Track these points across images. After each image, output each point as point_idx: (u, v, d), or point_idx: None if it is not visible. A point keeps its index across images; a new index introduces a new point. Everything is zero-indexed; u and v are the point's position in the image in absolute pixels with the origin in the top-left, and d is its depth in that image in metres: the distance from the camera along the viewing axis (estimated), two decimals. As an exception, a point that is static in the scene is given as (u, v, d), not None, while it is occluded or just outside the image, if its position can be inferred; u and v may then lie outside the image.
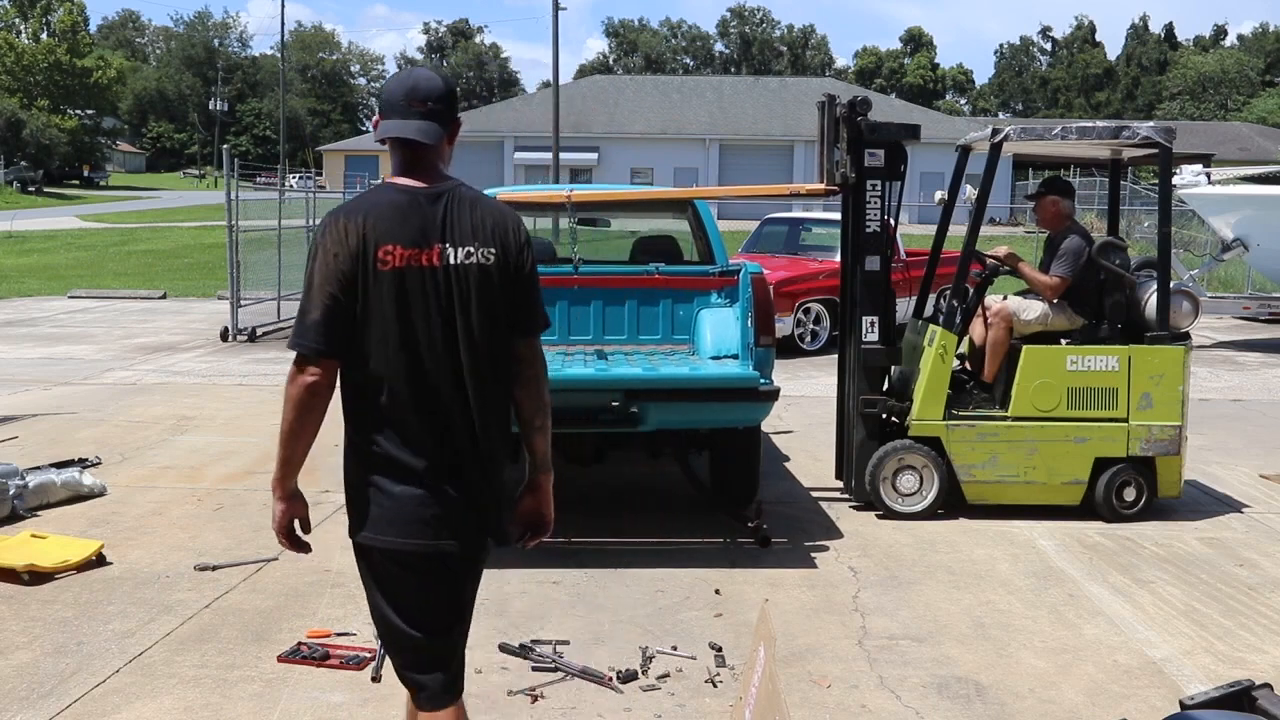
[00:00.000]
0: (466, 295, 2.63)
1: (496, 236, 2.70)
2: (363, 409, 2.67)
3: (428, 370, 2.62)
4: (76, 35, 66.86)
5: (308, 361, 2.59)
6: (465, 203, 2.69)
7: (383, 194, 2.67)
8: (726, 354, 6.11)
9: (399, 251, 2.57)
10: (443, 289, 2.61)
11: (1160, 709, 3.88)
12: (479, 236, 2.66)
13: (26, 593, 4.98)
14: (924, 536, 6.00)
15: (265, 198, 16.39)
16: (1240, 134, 60.44)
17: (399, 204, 2.63)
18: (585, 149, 45.85)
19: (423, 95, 2.70)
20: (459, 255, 2.62)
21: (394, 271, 2.56)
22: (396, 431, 2.64)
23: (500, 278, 2.69)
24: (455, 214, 2.66)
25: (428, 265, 2.59)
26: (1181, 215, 18.59)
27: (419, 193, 2.66)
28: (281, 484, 2.75)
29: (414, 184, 2.68)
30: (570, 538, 5.88)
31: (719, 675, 4.20)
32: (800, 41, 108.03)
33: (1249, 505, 6.77)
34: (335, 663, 4.23)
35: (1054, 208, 6.70)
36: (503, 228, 2.72)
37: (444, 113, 2.73)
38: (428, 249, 2.60)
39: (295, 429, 2.65)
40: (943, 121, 48.86)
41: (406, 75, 2.77)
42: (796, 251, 13.92)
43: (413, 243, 2.59)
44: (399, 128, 2.67)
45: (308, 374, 2.59)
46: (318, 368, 2.59)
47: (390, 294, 2.57)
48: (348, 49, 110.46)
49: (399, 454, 2.64)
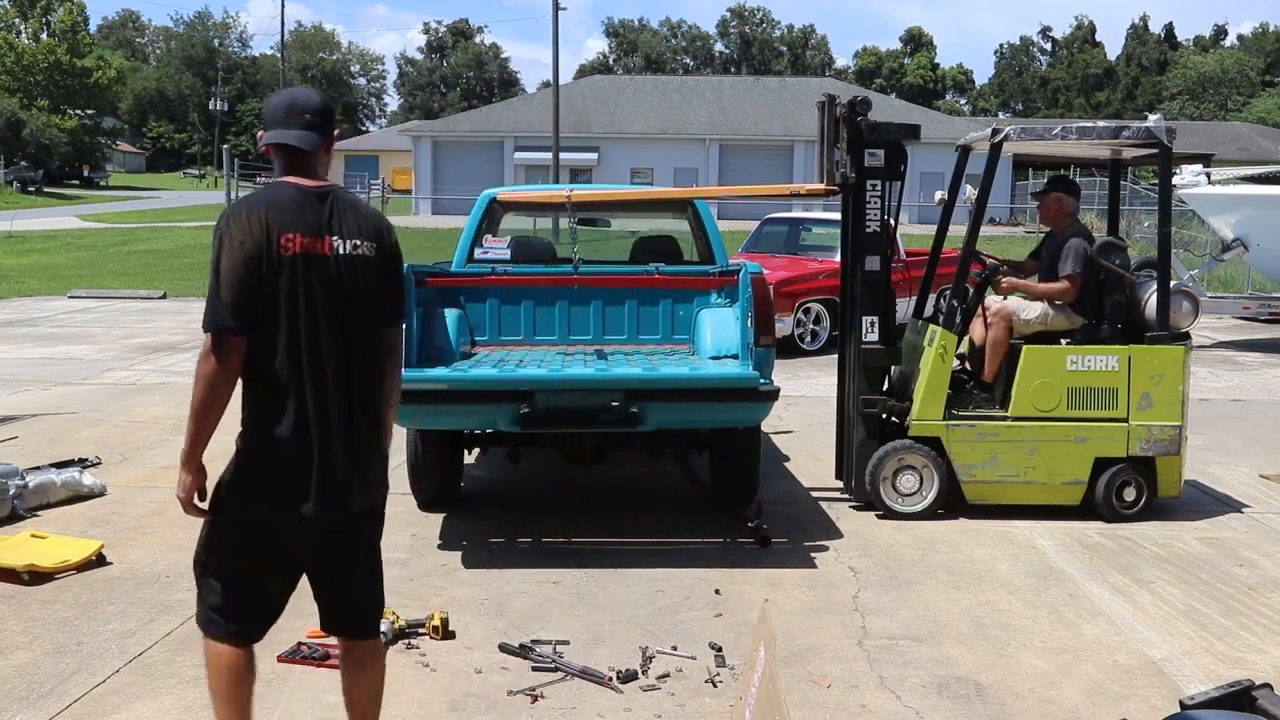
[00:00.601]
0: (354, 282, 3.00)
1: (375, 234, 3.09)
2: (257, 382, 2.95)
3: (318, 347, 2.94)
4: (76, 35, 66.84)
5: (221, 340, 2.86)
6: (347, 203, 3.08)
7: (280, 190, 3.00)
8: (726, 354, 6.11)
9: (299, 239, 2.91)
10: (333, 275, 2.96)
11: (1160, 709, 3.88)
12: (362, 232, 3.04)
13: (26, 593, 4.98)
14: (924, 536, 6.00)
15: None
16: (1240, 134, 60.44)
17: (295, 198, 2.97)
18: (585, 149, 45.84)
19: (301, 109, 3.05)
20: (346, 247, 3.00)
21: (294, 257, 2.90)
22: (281, 403, 2.93)
23: (379, 269, 3.08)
24: (340, 211, 3.02)
25: (322, 253, 2.95)
26: (1181, 215, 18.60)
27: (310, 190, 3.01)
28: (192, 458, 2.98)
29: (306, 183, 3.02)
30: (570, 538, 5.88)
31: (719, 675, 4.20)
32: (800, 41, 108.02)
33: (1249, 505, 6.77)
34: (335, 663, 4.22)
35: (1059, 205, 6.71)
36: (379, 227, 3.12)
37: (321, 125, 3.07)
38: (320, 239, 2.96)
39: (209, 405, 2.89)
40: (943, 121, 48.84)
41: (288, 93, 3.13)
42: (796, 251, 13.91)
43: (310, 232, 2.94)
44: (281, 135, 3.02)
45: (221, 351, 2.86)
46: (230, 346, 2.86)
47: (291, 277, 2.90)
48: (348, 49, 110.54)
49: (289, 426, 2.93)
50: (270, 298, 2.88)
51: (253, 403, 2.96)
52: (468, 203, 8.77)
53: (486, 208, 7.50)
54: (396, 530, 5.99)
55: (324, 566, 3.15)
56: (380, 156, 64.12)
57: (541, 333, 6.68)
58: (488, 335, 6.63)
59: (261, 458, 2.97)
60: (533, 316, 6.68)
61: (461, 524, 6.12)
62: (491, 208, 7.57)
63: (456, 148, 48.46)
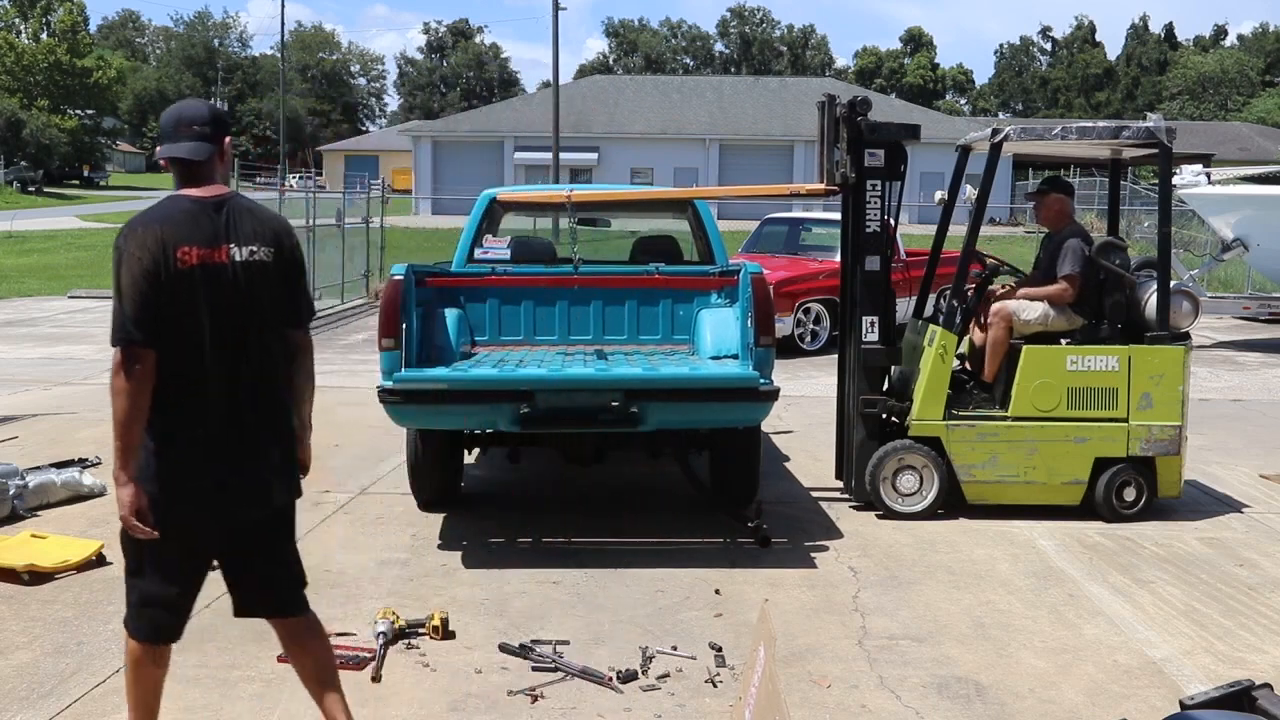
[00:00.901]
0: (250, 288, 3.10)
1: (271, 238, 3.17)
2: (168, 392, 3.03)
3: (225, 354, 3.07)
4: (76, 35, 66.81)
5: (130, 353, 2.96)
6: (243, 210, 3.16)
7: (174, 204, 3.10)
8: (726, 354, 6.11)
9: (195, 251, 3.02)
10: (231, 283, 3.07)
11: (1160, 709, 3.88)
12: (259, 238, 3.13)
13: (26, 593, 4.98)
14: (924, 536, 6.00)
15: (265, 198, 16.36)
16: (1240, 134, 60.45)
17: (191, 211, 3.07)
18: (585, 149, 45.85)
19: (189, 120, 3.14)
20: (244, 253, 3.10)
21: (192, 269, 3.01)
22: (189, 406, 3.05)
23: (277, 273, 3.17)
24: (237, 219, 3.12)
25: (220, 262, 3.06)
26: (1181, 215, 18.59)
27: (205, 201, 3.10)
28: (125, 470, 3.01)
29: (201, 194, 3.11)
30: (570, 538, 5.88)
31: (719, 675, 4.20)
32: (800, 41, 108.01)
33: (1249, 505, 6.77)
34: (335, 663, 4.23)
35: (1058, 206, 6.71)
36: (277, 232, 3.20)
37: (212, 134, 3.15)
38: (217, 248, 3.06)
39: (133, 414, 2.98)
40: (943, 121, 48.85)
41: (176, 106, 3.21)
42: (796, 251, 13.91)
43: (206, 243, 3.04)
44: (172, 149, 3.12)
45: (132, 364, 2.96)
46: (140, 358, 2.96)
47: (190, 288, 3.01)
48: (348, 49, 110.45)
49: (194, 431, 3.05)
50: (172, 309, 2.99)
51: (165, 411, 3.03)
52: (468, 203, 8.77)
53: (486, 208, 7.50)
54: (396, 530, 6.00)
55: (249, 559, 3.28)
56: (380, 156, 64.10)
57: (541, 333, 6.68)
58: (488, 335, 6.63)
59: (180, 464, 3.05)
60: (533, 316, 6.68)
61: (461, 524, 6.12)
62: (491, 208, 7.57)
63: (456, 148, 48.47)
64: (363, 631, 4.51)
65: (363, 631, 4.51)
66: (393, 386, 5.42)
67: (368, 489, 6.80)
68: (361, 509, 6.38)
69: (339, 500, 6.52)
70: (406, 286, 5.79)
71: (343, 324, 15.30)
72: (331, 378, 10.92)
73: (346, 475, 7.10)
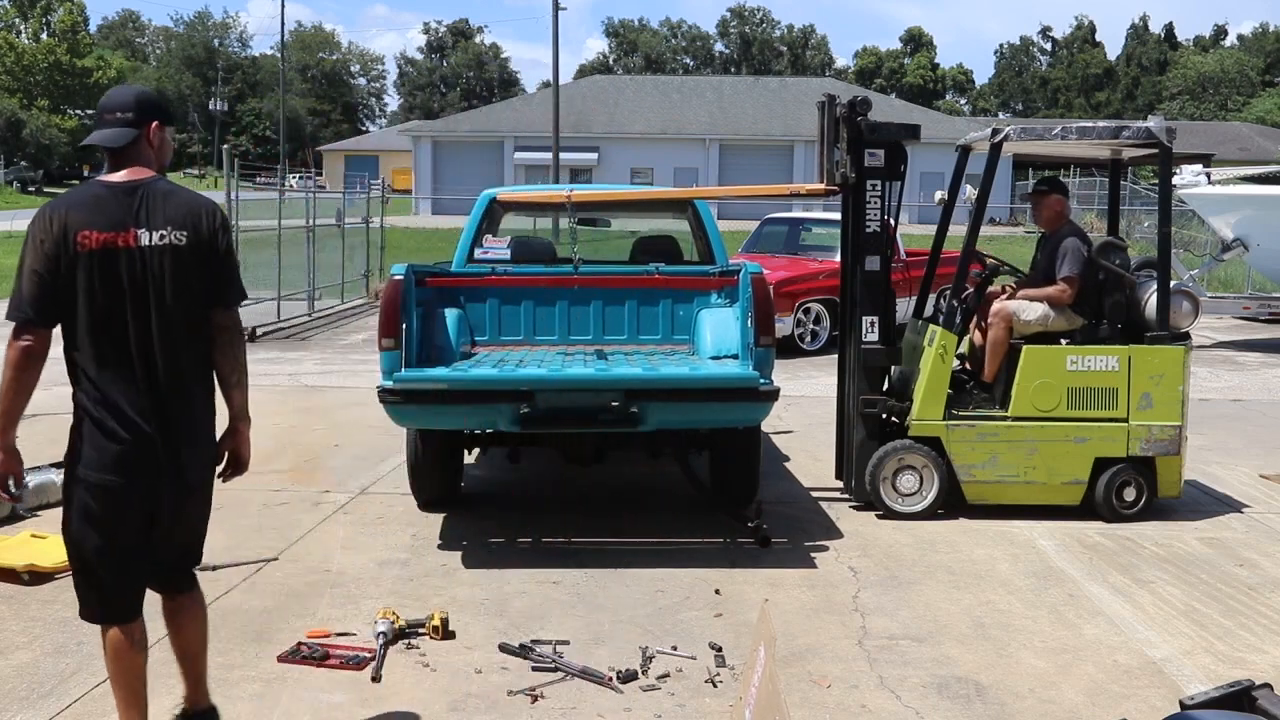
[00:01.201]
0: (161, 271, 3.17)
1: (188, 222, 3.22)
2: (76, 368, 3.20)
3: (130, 336, 3.16)
4: (76, 35, 66.87)
5: (22, 330, 3.11)
6: (159, 194, 3.22)
7: (86, 189, 3.26)
8: (726, 354, 6.11)
9: (95, 235, 3.11)
10: (138, 266, 3.15)
11: (1160, 709, 3.88)
12: (172, 222, 3.19)
13: (26, 593, 4.98)
14: (924, 536, 6.00)
15: (265, 198, 16.37)
16: (1240, 134, 60.47)
17: (99, 195, 3.19)
18: (585, 149, 45.87)
19: (113, 108, 3.27)
20: (153, 238, 3.16)
21: (90, 253, 3.11)
22: (104, 385, 3.16)
23: (192, 256, 3.22)
24: (150, 204, 3.18)
25: (124, 246, 3.13)
26: (1181, 215, 18.59)
27: (117, 186, 3.20)
28: (1, 437, 3.20)
29: (115, 179, 3.22)
30: (570, 538, 5.88)
31: (719, 675, 4.20)
32: (800, 41, 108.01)
33: (1249, 505, 6.77)
34: (335, 663, 4.24)
35: (1057, 206, 6.71)
36: (195, 215, 3.25)
37: (135, 119, 3.25)
38: (124, 232, 3.14)
39: (15, 387, 3.14)
40: (943, 121, 48.87)
41: (105, 95, 3.35)
42: (796, 251, 13.90)
43: (109, 227, 3.13)
44: (93, 137, 3.26)
45: (22, 340, 3.12)
46: (30, 335, 3.12)
47: (89, 271, 3.12)
48: (348, 49, 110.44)
49: (106, 403, 3.16)
50: (71, 292, 3.12)
51: (80, 383, 3.20)
52: (468, 203, 8.77)
53: (486, 208, 7.50)
54: (396, 530, 6.00)
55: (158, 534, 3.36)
56: (380, 156, 64.10)
57: (541, 333, 6.68)
58: (488, 335, 6.63)
59: (94, 434, 3.18)
60: (533, 316, 6.68)
61: (461, 524, 6.12)
62: (491, 208, 7.57)
63: (456, 148, 48.49)
64: (363, 631, 4.51)
65: (363, 631, 4.51)
66: (393, 386, 5.42)
67: (368, 489, 6.80)
68: (361, 509, 6.38)
69: (339, 500, 6.52)
70: (406, 286, 5.79)
71: (343, 324, 15.30)
72: (331, 378, 10.92)
73: (346, 475, 7.10)
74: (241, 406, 3.43)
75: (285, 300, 14.46)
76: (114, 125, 3.24)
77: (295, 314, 14.90)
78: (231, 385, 3.39)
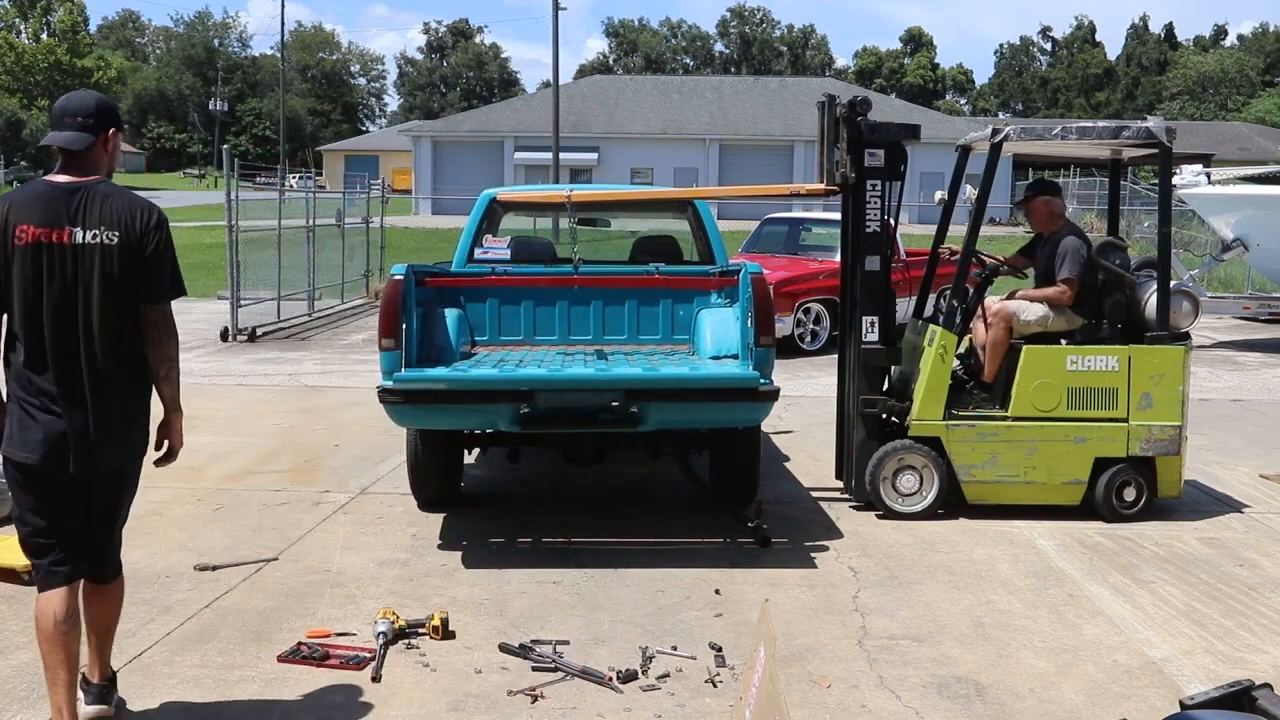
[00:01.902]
0: (90, 268, 3.37)
1: (121, 223, 3.40)
2: (9, 353, 3.44)
3: (55, 326, 3.36)
4: (76, 35, 66.94)
5: None
6: (99, 196, 3.40)
7: (32, 187, 3.46)
8: (726, 354, 6.11)
9: (31, 230, 3.32)
10: (69, 261, 3.36)
11: (1160, 709, 3.88)
12: (105, 222, 3.37)
13: (26, 593, 4.97)
14: (924, 536, 6.00)
15: (265, 198, 16.33)
16: (1240, 134, 60.47)
17: (41, 193, 3.39)
18: (585, 149, 45.86)
19: (72, 112, 3.44)
20: (85, 236, 3.36)
21: (26, 246, 3.33)
22: (31, 371, 3.39)
23: (122, 255, 3.39)
24: (87, 204, 3.38)
25: (58, 243, 3.34)
26: (1181, 215, 18.59)
27: (60, 186, 3.40)
28: None
29: (61, 179, 3.41)
30: (570, 538, 5.88)
31: (719, 675, 4.20)
32: (800, 41, 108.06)
33: (1249, 505, 6.77)
34: (335, 663, 4.24)
35: (1046, 208, 6.71)
36: (129, 216, 3.42)
37: (94, 125, 3.44)
38: (59, 229, 3.34)
39: None
40: (943, 121, 48.86)
41: (65, 97, 3.49)
42: (796, 251, 13.90)
43: (44, 224, 3.33)
44: (52, 138, 3.45)
45: None
46: None
47: (22, 263, 3.34)
48: (348, 49, 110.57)
49: (31, 388, 3.39)
50: (8, 281, 3.35)
51: (9, 366, 3.44)
52: (468, 203, 8.77)
53: (486, 208, 7.49)
54: (396, 530, 6.00)
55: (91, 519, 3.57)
56: (380, 156, 64.11)
57: (541, 333, 6.68)
58: (488, 335, 6.63)
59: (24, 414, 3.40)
60: (533, 316, 6.68)
61: (461, 524, 6.12)
62: (491, 208, 7.57)
63: (456, 148, 48.48)
64: (363, 631, 4.51)
65: (363, 631, 4.51)
66: (393, 386, 5.42)
67: (368, 489, 6.80)
68: (361, 509, 6.38)
69: (339, 500, 6.52)
70: (406, 286, 5.79)
71: (343, 324, 15.30)
72: (331, 378, 10.92)
73: (346, 475, 7.10)
74: (172, 399, 3.61)
75: (285, 300, 14.46)
76: (74, 129, 3.41)
77: (295, 314, 14.89)
78: (160, 379, 3.55)
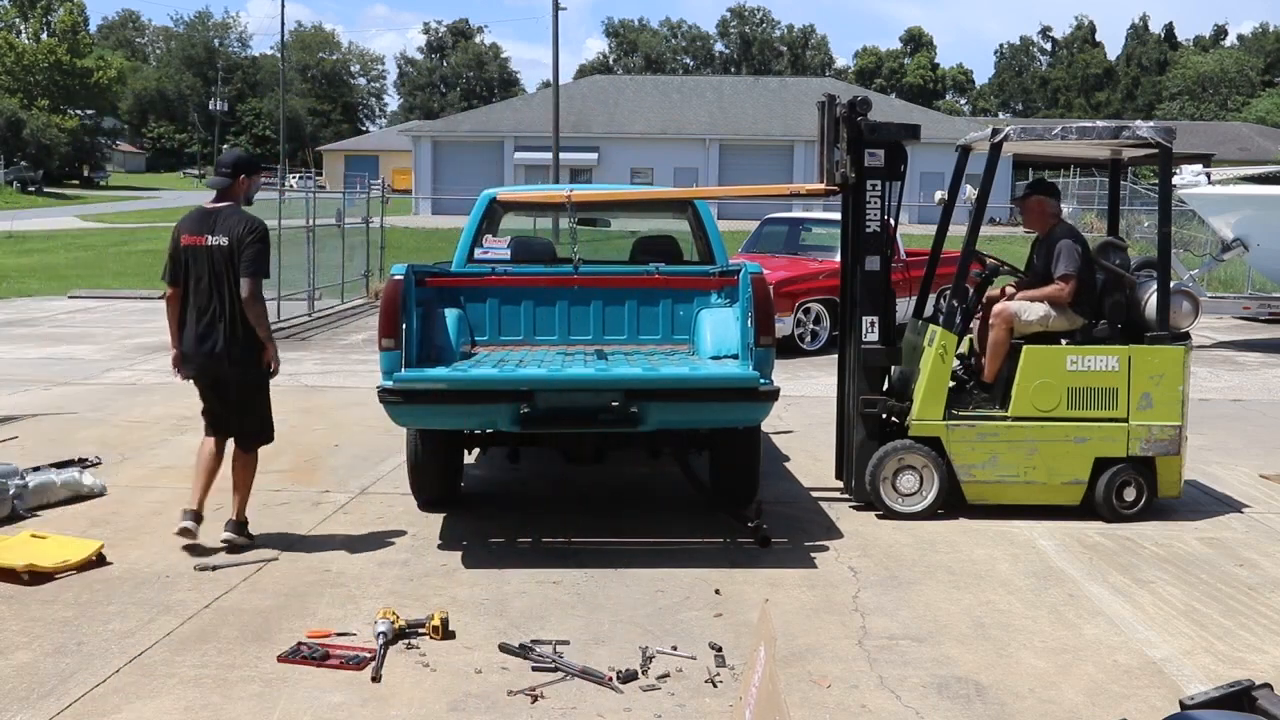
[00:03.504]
0: (221, 260, 5.48)
1: (229, 232, 5.49)
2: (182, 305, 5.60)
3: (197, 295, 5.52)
4: (76, 35, 66.87)
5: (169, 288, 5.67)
6: (224, 215, 5.54)
7: (196, 210, 5.64)
8: (726, 354, 6.11)
9: (186, 237, 5.55)
10: (209, 256, 5.50)
11: (1160, 709, 3.88)
12: (222, 231, 5.50)
13: (26, 593, 4.98)
14: (924, 536, 6.00)
15: (265, 197, 16.26)
16: (1240, 134, 60.47)
17: (196, 215, 5.61)
18: (585, 149, 45.85)
19: (220, 163, 5.82)
20: (215, 240, 5.49)
21: (185, 246, 5.54)
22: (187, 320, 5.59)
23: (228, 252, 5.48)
24: (218, 221, 5.53)
25: (203, 245, 5.50)
26: (1181, 215, 18.59)
27: (208, 210, 5.59)
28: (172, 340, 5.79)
29: (209, 206, 5.61)
30: (570, 538, 5.88)
31: (719, 675, 4.20)
32: (800, 41, 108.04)
33: (1249, 505, 6.77)
34: (335, 663, 4.24)
35: (1040, 208, 6.70)
36: (236, 229, 5.49)
37: (230, 173, 5.67)
38: (202, 236, 5.51)
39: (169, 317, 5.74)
40: (943, 121, 48.85)
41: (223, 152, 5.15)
42: (796, 251, 13.90)
43: (196, 232, 5.54)
44: (209, 181, 5.80)
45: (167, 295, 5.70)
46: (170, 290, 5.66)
47: (186, 257, 5.54)
48: (348, 49, 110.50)
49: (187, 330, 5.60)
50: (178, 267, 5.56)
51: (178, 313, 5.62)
52: (468, 203, 8.77)
53: (486, 208, 7.49)
54: (396, 530, 6.00)
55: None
56: (380, 156, 64.10)
57: (541, 333, 6.68)
58: (488, 335, 6.63)
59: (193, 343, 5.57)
60: (533, 316, 6.68)
61: (461, 524, 6.12)
62: (491, 208, 7.57)
63: (456, 148, 48.47)
64: (363, 631, 4.51)
65: (363, 631, 4.51)
66: (393, 386, 5.42)
67: (368, 489, 6.80)
68: (361, 509, 6.38)
69: (339, 500, 6.52)
70: (406, 286, 5.79)
71: (343, 324, 15.30)
72: (331, 378, 10.93)
73: (346, 475, 7.10)
74: (264, 335, 5.58)
75: (285, 300, 14.45)
76: (219, 175, 5.71)
77: (295, 314, 14.89)
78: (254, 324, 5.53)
